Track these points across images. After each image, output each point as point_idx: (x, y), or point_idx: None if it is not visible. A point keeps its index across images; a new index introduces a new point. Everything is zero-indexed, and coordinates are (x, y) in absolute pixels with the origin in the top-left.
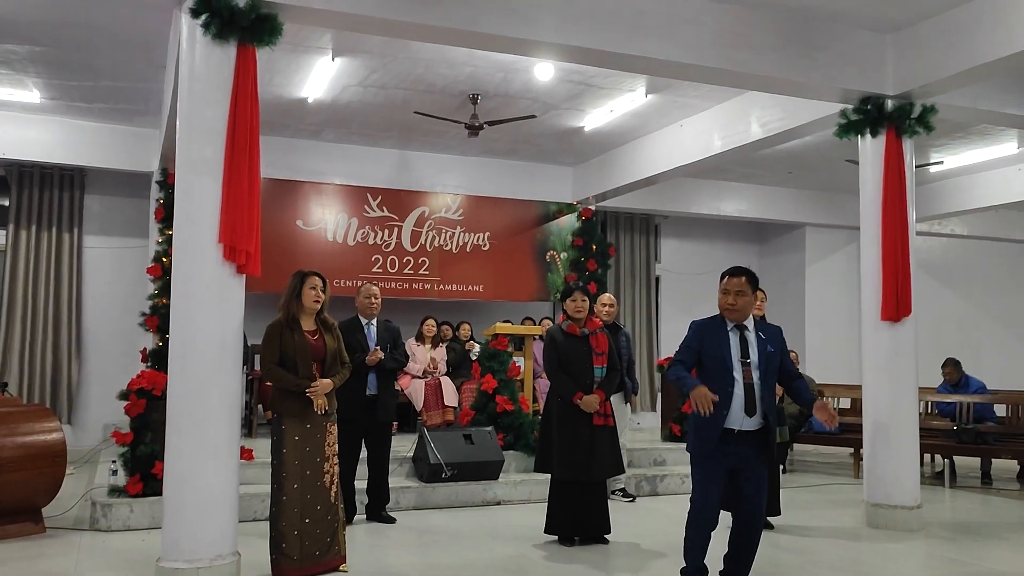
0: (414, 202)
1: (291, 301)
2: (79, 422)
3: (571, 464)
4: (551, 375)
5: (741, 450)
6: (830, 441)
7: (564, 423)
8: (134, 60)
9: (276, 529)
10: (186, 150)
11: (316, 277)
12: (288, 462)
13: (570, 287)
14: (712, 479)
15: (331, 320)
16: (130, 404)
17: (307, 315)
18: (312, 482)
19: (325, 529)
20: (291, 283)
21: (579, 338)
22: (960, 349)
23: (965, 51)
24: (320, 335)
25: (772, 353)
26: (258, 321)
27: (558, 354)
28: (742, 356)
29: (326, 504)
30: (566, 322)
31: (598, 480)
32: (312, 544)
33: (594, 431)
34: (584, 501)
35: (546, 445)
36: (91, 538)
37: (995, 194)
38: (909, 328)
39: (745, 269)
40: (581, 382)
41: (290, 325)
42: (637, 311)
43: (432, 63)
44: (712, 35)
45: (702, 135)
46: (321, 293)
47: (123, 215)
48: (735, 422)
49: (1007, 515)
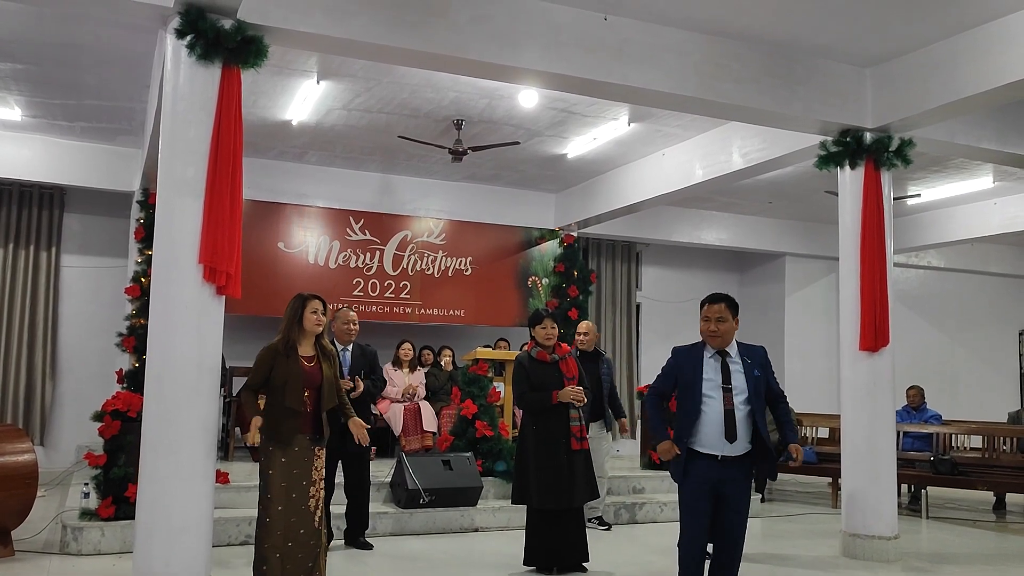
0: (397, 226)
1: (292, 326)
2: (52, 443)
3: (550, 491)
4: (520, 399)
5: (725, 475)
6: (808, 471)
7: (541, 451)
8: (118, 79)
9: (259, 551)
10: (168, 170)
11: (317, 301)
12: (274, 484)
13: (539, 313)
14: (697, 501)
15: (330, 347)
16: (104, 425)
17: (307, 340)
18: (297, 505)
19: (307, 554)
20: (292, 306)
21: (549, 364)
22: (936, 380)
23: (943, 86)
24: (317, 362)
25: (759, 377)
26: (237, 343)
27: (528, 381)
28: (723, 382)
29: (309, 528)
30: (535, 349)
31: (577, 506)
32: (293, 568)
33: (572, 456)
34: (562, 529)
35: (522, 476)
36: (60, 562)
37: (971, 227)
38: (887, 359)
39: (724, 295)
40: (556, 409)
41: (285, 351)
42: (618, 338)
43: (417, 88)
44: (695, 65)
45: (684, 164)
46: (322, 317)
47: (102, 234)
48: (716, 448)
49: (983, 546)
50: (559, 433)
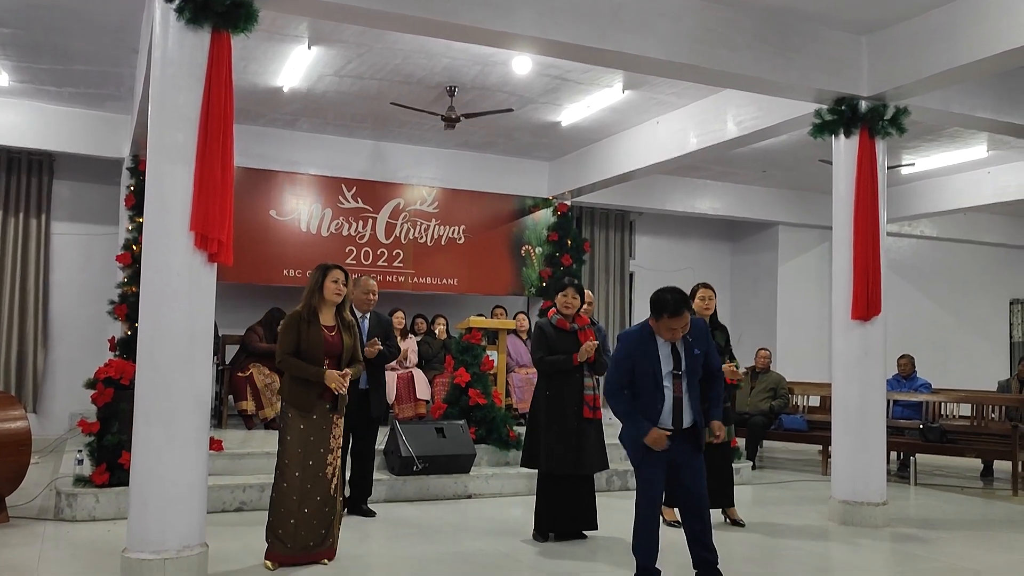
0: (389, 194)
1: (313, 294)
2: (45, 411)
3: (559, 457)
4: (540, 362)
5: (677, 446)
6: (799, 438)
7: (553, 417)
8: (106, 44)
9: (274, 515)
10: (158, 136)
11: (339, 271)
12: (291, 450)
13: (564, 282)
14: (653, 478)
15: (350, 318)
16: (97, 393)
17: (327, 309)
18: (314, 472)
19: (322, 520)
20: (313, 276)
21: (569, 333)
22: (927, 349)
23: (939, 54)
24: (338, 331)
25: (698, 356)
26: (229, 311)
27: (548, 346)
28: (674, 368)
29: (325, 496)
30: (556, 316)
31: (586, 474)
32: (308, 534)
33: (582, 424)
34: (571, 496)
35: (533, 440)
36: (55, 528)
37: (965, 196)
38: (878, 327)
39: (684, 301)
40: (570, 376)
41: (308, 318)
42: (611, 307)
43: (409, 54)
44: (690, 32)
45: (678, 132)
46: (343, 287)
47: (92, 201)
48: (667, 422)
49: (970, 512)
50: (572, 400)
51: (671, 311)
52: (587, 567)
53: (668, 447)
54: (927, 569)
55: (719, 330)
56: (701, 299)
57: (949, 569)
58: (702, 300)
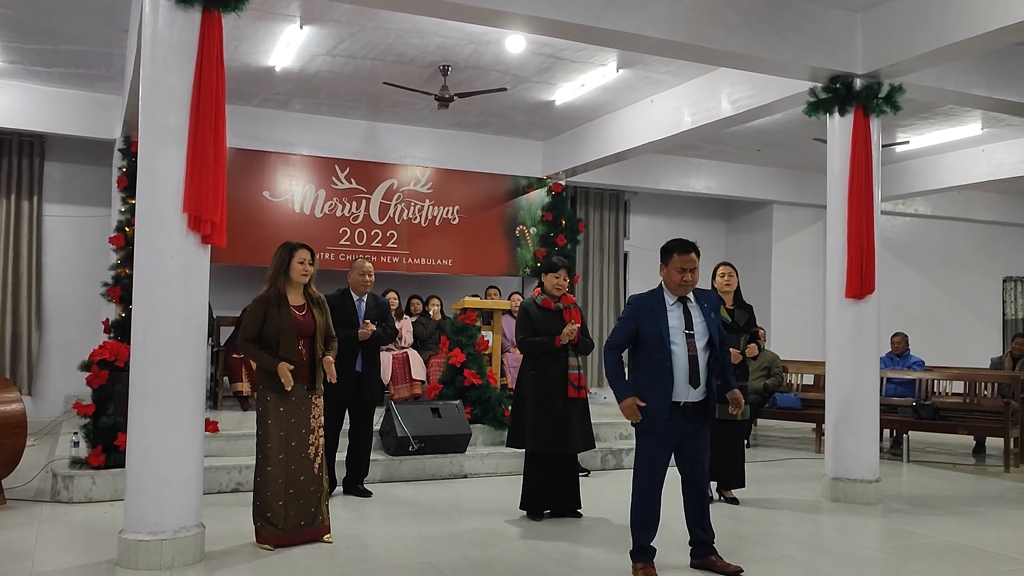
0: (383, 174)
1: (278, 275)
2: (40, 393)
3: (545, 437)
4: (523, 343)
5: (686, 424)
6: (793, 416)
7: (539, 396)
8: (96, 24)
9: (261, 499)
10: (149, 118)
11: (305, 250)
12: (273, 433)
13: (555, 263)
14: (659, 454)
15: (318, 294)
16: (92, 375)
17: (295, 289)
18: (297, 453)
19: (309, 499)
20: (278, 255)
21: (553, 312)
22: (921, 327)
23: (933, 31)
24: (308, 310)
25: (713, 320)
26: (224, 293)
27: (532, 326)
28: (686, 327)
29: (310, 475)
30: (541, 296)
31: (571, 453)
32: (297, 514)
33: (568, 404)
34: (556, 475)
35: (519, 420)
36: (52, 510)
37: (959, 175)
38: (872, 306)
39: (692, 243)
40: (555, 356)
41: (276, 300)
42: (606, 286)
43: (402, 33)
44: (684, 11)
45: (672, 111)
46: (309, 266)
47: (85, 183)
48: (680, 395)
49: (962, 488)
50: (556, 379)
51: (679, 248)
52: (582, 545)
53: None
54: (919, 545)
55: (741, 309)
56: (721, 276)
57: (941, 545)
58: (722, 277)
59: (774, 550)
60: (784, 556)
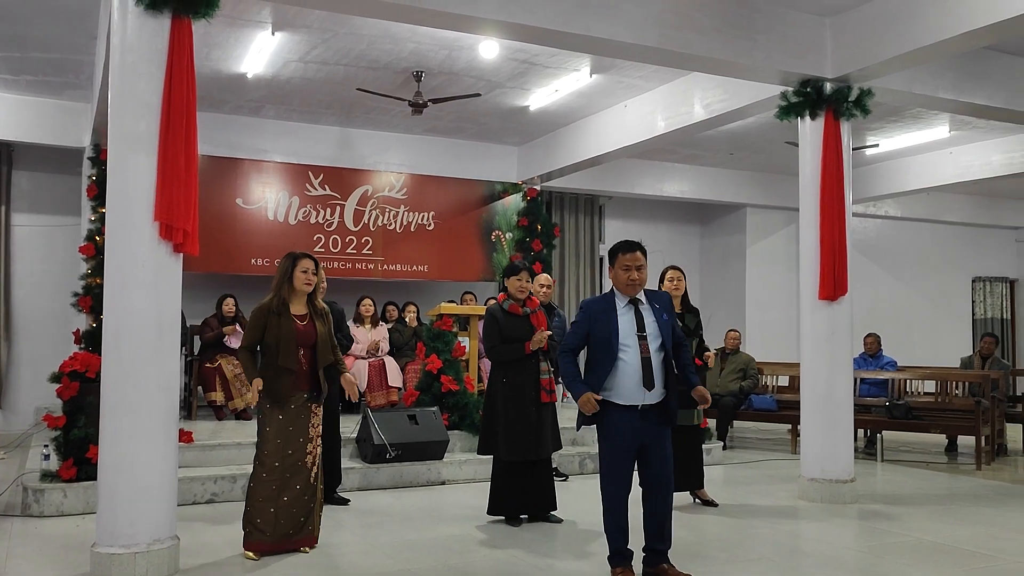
0: (357, 181)
1: (283, 284)
2: (9, 405)
3: (519, 443)
4: (492, 350)
5: (647, 426)
6: (768, 418)
7: (510, 403)
8: (64, 30)
9: (252, 505)
10: (119, 125)
11: (308, 260)
12: (269, 440)
13: (516, 265)
14: (616, 459)
15: (322, 305)
16: (63, 387)
17: (298, 299)
18: (293, 461)
19: (301, 508)
20: (283, 265)
21: (521, 317)
22: (893, 327)
23: (902, 35)
24: (310, 320)
25: (666, 321)
26: (197, 302)
27: (500, 333)
28: (638, 330)
29: (305, 484)
30: (507, 301)
31: (544, 457)
32: (287, 522)
33: (541, 408)
34: (530, 479)
35: (490, 427)
36: (23, 524)
37: (927, 177)
38: (845, 307)
39: (637, 242)
40: (525, 363)
41: (277, 310)
42: (581, 291)
43: (375, 39)
44: (656, 15)
45: (646, 116)
46: (312, 276)
47: (53, 192)
48: (636, 398)
49: (935, 487)
50: (529, 386)
51: (624, 248)
52: (561, 550)
53: (635, 428)
54: (895, 544)
55: (691, 313)
56: (670, 280)
57: (916, 543)
58: (671, 282)
59: (751, 551)
60: (762, 557)
